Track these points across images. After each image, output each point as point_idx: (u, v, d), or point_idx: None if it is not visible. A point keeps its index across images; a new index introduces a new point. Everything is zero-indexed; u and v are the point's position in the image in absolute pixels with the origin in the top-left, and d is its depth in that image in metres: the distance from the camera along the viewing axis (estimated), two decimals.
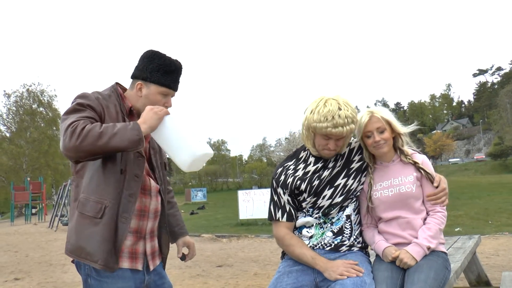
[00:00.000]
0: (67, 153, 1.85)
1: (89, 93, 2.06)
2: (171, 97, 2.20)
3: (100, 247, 1.93)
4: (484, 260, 6.91)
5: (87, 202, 1.97)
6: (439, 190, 2.39)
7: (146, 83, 2.12)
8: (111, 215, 1.95)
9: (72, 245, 1.98)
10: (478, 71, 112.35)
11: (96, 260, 1.93)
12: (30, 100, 47.60)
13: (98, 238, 1.93)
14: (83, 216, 1.97)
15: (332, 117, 2.22)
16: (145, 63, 2.12)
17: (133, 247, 2.08)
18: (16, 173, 44.33)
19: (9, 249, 13.06)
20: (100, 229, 1.94)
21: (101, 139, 1.82)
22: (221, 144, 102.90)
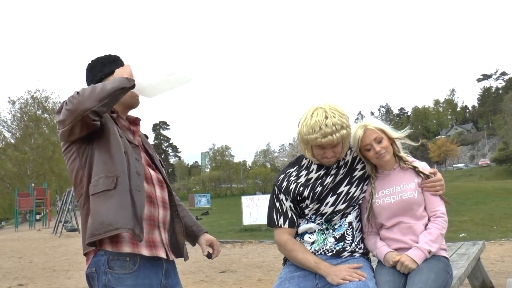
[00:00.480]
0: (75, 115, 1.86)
1: None
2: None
3: (121, 214, 1.84)
4: (489, 266, 6.87)
5: (98, 182, 1.92)
6: (435, 179, 2.41)
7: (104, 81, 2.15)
8: (124, 184, 1.91)
9: (93, 228, 1.85)
10: (482, 76, 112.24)
11: (119, 226, 1.82)
12: (35, 106, 47.85)
13: (116, 206, 1.85)
14: (97, 196, 1.90)
15: (319, 128, 2.23)
16: (92, 72, 2.22)
17: (149, 235, 2.04)
18: (21, 179, 44.48)
19: (13, 255, 13.09)
20: (116, 199, 1.87)
21: (96, 89, 1.88)
22: (225, 149, 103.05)
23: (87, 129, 1.93)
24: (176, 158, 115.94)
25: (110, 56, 2.25)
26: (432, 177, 2.42)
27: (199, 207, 37.90)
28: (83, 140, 2.00)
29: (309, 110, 2.33)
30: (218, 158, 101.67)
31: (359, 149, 2.46)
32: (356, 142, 2.43)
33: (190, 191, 61.15)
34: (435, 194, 2.42)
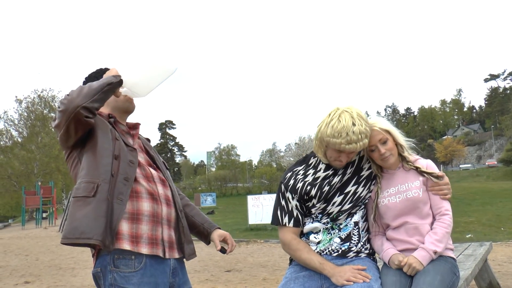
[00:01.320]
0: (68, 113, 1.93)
1: None
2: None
3: (94, 224, 1.85)
4: (496, 268, 6.82)
5: (80, 185, 1.95)
6: (443, 183, 2.38)
7: None
8: (104, 194, 1.91)
9: (67, 229, 1.89)
10: (490, 76, 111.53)
11: (90, 236, 1.84)
12: (41, 105, 48.18)
13: (91, 215, 1.87)
14: (77, 199, 1.93)
15: (346, 134, 2.20)
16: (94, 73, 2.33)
17: (152, 232, 2.04)
18: (27, 178, 44.81)
19: (20, 253, 13.18)
20: (93, 207, 1.88)
21: (83, 88, 1.97)
22: (231, 149, 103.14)
23: (81, 128, 1.98)
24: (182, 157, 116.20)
25: (101, 69, 2.33)
26: (435, 175, 2.39)
27: (204, 206, 37.96)
28: (81, 145, 2.05)
29: (335, 112, 2.29)
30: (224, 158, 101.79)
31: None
32: None
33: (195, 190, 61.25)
34: (444, 198, 2.40)
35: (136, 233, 1.98)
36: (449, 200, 2.43)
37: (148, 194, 2.07)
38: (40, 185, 32.32)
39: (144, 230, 2.01)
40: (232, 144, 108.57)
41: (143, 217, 2.02)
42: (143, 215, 2.02)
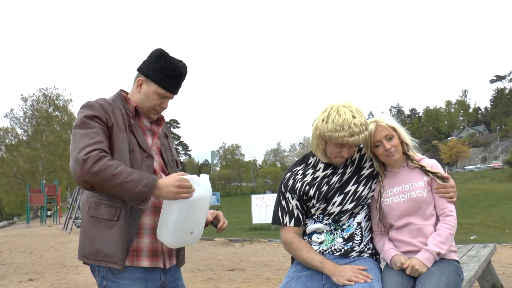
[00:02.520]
0: (76, 179, 1.91)
1: (93, 102, 2.08)
2: (168, 100, 2.22)
3: (119, 248, 1.94)
4: (500, 269, 6.80)
5: (100, 205, 1.99)
6: (449, 185, 2.37)
7: (147, 80, 2.16)
8: (126, 218, 1.97)
9: (88, 249, 1.99)
10: (496, 77, 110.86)
11: (116, 261, 1.94)
12: (46, 104, 48.37)
13: (116, 240, 1.95)
14: (96, 220, 1.98)
15: (348, 126, 2.21)
16: (151, 61, 2.15)
17: (153, 245, 2.08)
18: (32, 176, 45.02)
19: (24, 250, 13.23)
20: (117, 231, 1.95)
21: (112, 181, 1.86)
22: (235, 148, 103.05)
23: None
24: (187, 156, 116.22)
25: (176, 69, 2.15)
26: (439, 175, 2.38)
27: None
28: None
29: (332, 108, 2.29)
30: (228, 157, 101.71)
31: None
32: (367, 139, 2.39)
33: None
34: (450, 201, 2.38)
35: (137, 247, 2.04)
36: (454, 202, 2.42)
37: (152, 207, 2.10)
38: (45, 183, 32.45)
39: (145, 244, 2.07)
40: (236, 144, 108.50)
41: (144, 231, 2.07)
42: (144, 229, 2.08)
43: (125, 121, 2.09)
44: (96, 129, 1.98)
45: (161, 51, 2.16)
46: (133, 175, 1.89)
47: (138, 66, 2.22)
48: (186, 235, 2.05)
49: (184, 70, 2.20)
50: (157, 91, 2.15)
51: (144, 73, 2.16)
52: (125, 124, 2.09)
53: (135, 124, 2.14)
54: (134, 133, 2.11)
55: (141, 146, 2.11)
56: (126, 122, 2.10)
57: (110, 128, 2.03)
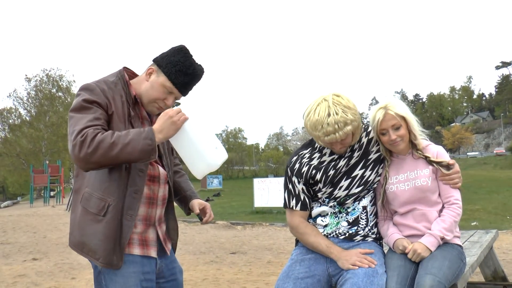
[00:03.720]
0: (77, 162, 1.84)
1: (94, 85, 1.98)
2: (173, 98, 2.10)
3: (102, 245, 1.91)
4: (501, 256, 6.82)
5: (91, 197, 1.95)
6: (453, 172, 2.35)
7: (158, 71, 2.05)
8: (114, 213, 1.93)
9: (76, 240, 1.98)
10: (501, 64, 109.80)
11: (97, 257, 1.92)
12: (50, 84, 48.32)
13: (100, 236, 1.91)
14: (86, 212, 1.95)
15: (321, 126, 2.16)
16: (169, 53, 2.05)
17: (143, 234, 2.08)
18: (36, 156, 45.21)
19: (28, 230, 13.34)
20: (103, 227, 1.91)
21: (112, 150, 1.80)
22: (238, 132, 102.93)
23: None
24: None
25: (191, 67, 2.05)
26: (445, 164, 2.36)
27: (210, 188, 38.12)
28: None
29: (314, 103, 2.23)
30: (231, 140, 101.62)
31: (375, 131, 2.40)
32: (374, 125, 2.36)
33: None
34: (455, 187, 2.37)
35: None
36: (459, 188, 2.41)
37: (146, 198, 2.08)
38: (48, 164, 32.57)
39: (136, 232, 2.05)
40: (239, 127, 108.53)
41: (136, 221, 2.05)
42: (137, 219, 2.05)
43: (124, 110, 2.01)
44: (96, 115, 1.90)
45: (182, 46, 2.07)
46: (130, 135, 1.83)
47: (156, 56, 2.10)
48: (214, 152, 2.03)
49: (200, 72, 2.10)
50: (164, 84, 2.03)
51: (157, 63, 2.06)
52: (125, 114, 2.00)
53: (134, 115, 2.05)
54: (132, 124, 2.03)
55: None
56: (126, 111, 2.01)
57: (109, 116, 1.95)
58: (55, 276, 6.58)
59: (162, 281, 2.19)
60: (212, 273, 6.44)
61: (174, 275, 2.26)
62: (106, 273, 1.98)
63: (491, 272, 4.20)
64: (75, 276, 6.57)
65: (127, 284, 1.97)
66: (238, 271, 6.62)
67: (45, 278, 6.45)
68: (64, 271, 6.97)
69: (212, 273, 6.44)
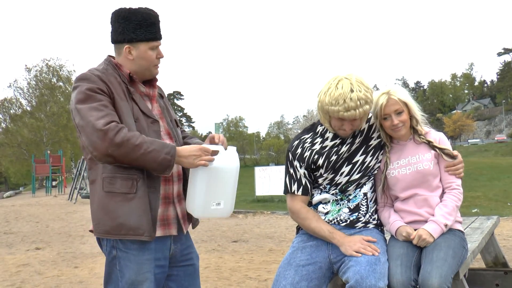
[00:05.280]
0: (97, 153, 1.87)
1: (89, 74, 2.01)
2: (159, 47, 2.14)
3: (143, 219, 1.94)
4: (502, 242, 6.84)
5: (115, 180, 1.95)
6: (458, 162, 2.37)
7: (133, 44, 2.07)
8: (144, 189, 1.97)
9: (109, 225, 1.96)
10: (503, 50, 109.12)
11: (141, 233, 1.94)
12: (50, 74, 48.19)
13: (139, 212, 1.94)
14: (114, 195, 1.95)
15: (343, 101, 2.16)
16: (124, 25, 2.05)
17: (164, 213, 2.09)
18: (37, 146, 45.26)
19: (30, 220, 13.41)
20: (137, 203, 1.94)
21: (135, 152, 1.85)
22: (239, 120, 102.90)
23: None
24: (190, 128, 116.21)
25: (150, 17, 2.07)
26: (447, 152, 2.37)
27: None
28: None
29: (334, 79, 2.24)
30: (232, 129, 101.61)
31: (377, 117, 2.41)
32: (377, 109, 2.37)
33: None
34: (458, 176, 2.38)
35: None
36: (462, 177, 2.42)
37: (162, 177, 2.08)
38: (49, 154, 32.64)
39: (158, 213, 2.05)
40: (240, 116, 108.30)
41: None
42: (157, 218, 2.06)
43: (123, 89, 2.04)
44: (103, 102, 1.93)
45: (124, 10, 2.08)
46: (154, 144, 1.89)
47: (112, 39, 2.12)
48: (212, 206, 2.05)
49: (155, 12, 2.12)
50: (149, 47, 2.08)
51: (126, 40, 2.07)
52: (124, 93, 2.04)
53: (134, 91, 2.09)
54: (135, 100, 2.07)
55: (144, 112, 2.08)
56: (125, 90, 2.05)
57: (112, 99, 1.98)
58: (58, 265, 6.62)
59: (175, 266, 2.20)
60: (214, 261, 6.47)
61: (190, 260, 2.27)
62: (122, 258, 2.00)
63: (492, 258, 4.21)
64: (77, 265, 6.60)
65: (141, 271, 2.01)
66: (239, 259, 6.66)
67: (48, 267, 6.49)
68: (67, 260, 7.01)
69: (214, 261, 6.47)
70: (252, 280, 5.34)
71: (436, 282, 2.04)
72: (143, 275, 2.01)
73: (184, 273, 2.24)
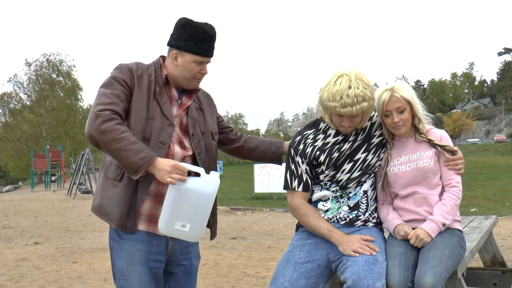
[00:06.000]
0: (86, 133, 2.01)
1: (124, 65, 2.16)
2: (206, 64, 2.21)
3: (116, 208, 2.04)
4: (500, 242, 6.86)
5: (111, 165, 2.10)
6: (458, 157, 2.37)
7: (180, 52, 2.15)
8: (129, 179, 2.02)
9: (96, 203, 2.13)
10: (504, 50, 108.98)
11: (112, 219, 2.06)
12: (50, 69, 48.14)
13: (116, 199, 2.04)
14: (106, 178, 2.11)
15: (340, 97, 2.16)
16: (179, 32, 2.14)
17: (152, 211, 2.12)
18: (36, 141, 45.26)
19: (29, 214, 13.42)
20: (118, 191, 2.04)
21: (112, 144, 1.93)
22: (239, 117, 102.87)
23: None
24: None
25: (204, 33, 2.14)
26: (448, 148, 2.36)
27: None
28: None
29: (334, 76, 2.25)
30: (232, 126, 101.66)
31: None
32: (380, 105, 2.36)
33: None
34: (458, 173, 2.38)
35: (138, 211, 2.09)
36: (462, 174, 2.42)
37: None
38: (49, 149, 32.63)
39: (145, 208, 2.12)
40: (240, 113, 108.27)
41: (146, 196, 2.11)
42: (147, 194, 2.11)
43: (151, 87, 2.13)
44: (117, 91, 2.04)
45: (185, 19, 2.16)
46: (134, 145, 1.92)
47: (167, 41, 2.21)
48: (177, 226, 2.00)
49: (213, 31, 2.18)
50: (193, 60, 2.14)
51: (175, 46, 2.15)
52: (149, 90, 2.12)
53: (162, 92, 2.15)
54: (158, 100, 2.13)
55: (164, 113, 2.13)
56: (152, 88, 2.13)
57: (132, 91, 2.09)
58: (57, 260, 6.63)
59: (173, 264, 2.22)
60: (213, 258, 6.48)
61: (188, 260, 2.29)
62: (115, 248, 2.11)
63: (490, 257, 4.22)
64: (76, 260, 6.62)
65: (132, 261, 2.06)
66: (238, 256, 6.67)
67: (47, 262, 6.51)
68: (66, 255, 7.02)
69: (213, 258, 6.48)
70: (251, 277, 5.35)
71: (430, 281, 2.03)
72: (134, 266, 2.06)
73: (183, 272, 2.27)
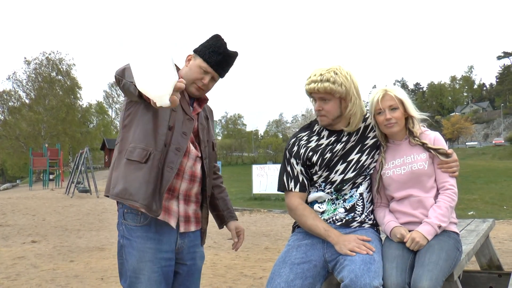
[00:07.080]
0: None
1: None
2: (210, 77, 2.24)
3: (142, 188, 2.02)
4: (497, 245, 6.87)
5: (135, 149, 2.08)
6: (451, 160, 2.37)
7: (195, 56, 2.25)
8: (155, 162, 2.05)
9: (119, 189, 2.08)
10: (503, 54, 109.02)
11: (137, 199, 2.03)
12: (49, 68, 48.13)
13: (141, 180, 2.03)
14: (130, 162, 2.08)
15: (313, 74, 2.34)
16: (205, 41, 2.26)
17: (166, 203, 2.14)
18: (35, 139, 45.25)
19: (27, 213, 13.40)
20: (144, 173, 2.04)
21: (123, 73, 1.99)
22: (237, 118, 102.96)
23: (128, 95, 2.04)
24: None
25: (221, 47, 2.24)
26: (441, 151, 2.37)
27: None
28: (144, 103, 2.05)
29: None
30: (231, 127, 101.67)
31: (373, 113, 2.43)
32: (372, 104, 2.39)
33: None
34: (452, 175, 2.39)
35: None
36: (455, 177, 2.42)
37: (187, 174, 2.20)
38: (47, 147, 32.59)
39: None
40: (239, 114, 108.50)
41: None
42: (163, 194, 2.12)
43: None
44: None
45: (217, 35, 2.27)
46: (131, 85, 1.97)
47: None
48: None
49: (232, 53, 2.27)
50: (200, 65, 2.21)
51: (195, 50, 2.27)
52: None
53: None
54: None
55: (183, 109, 2.19)
56: None
57: None
58: (54, 259, 6.62)
59: (178, 263, 2.24)
60: (210, 258, 6.48)
61: (193, 259, 2.32)
62: (126, 246, 2.09)
63: (487, 260, 4.23)
64: (73, 259, 6.61)
65: (143, 259, 2.07)
66: (235, 257, 6.67)
67: (44, 261, 6.50)
68: (63, 254, 7.02)
69: (210, 258, 6.48)
70: (248, 278, 5.35)
71: (426, 285, 2.04)
72: (145, 263, 2.06)
73: (186, 272, 2.29)
